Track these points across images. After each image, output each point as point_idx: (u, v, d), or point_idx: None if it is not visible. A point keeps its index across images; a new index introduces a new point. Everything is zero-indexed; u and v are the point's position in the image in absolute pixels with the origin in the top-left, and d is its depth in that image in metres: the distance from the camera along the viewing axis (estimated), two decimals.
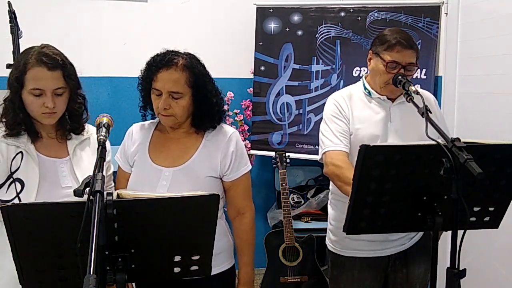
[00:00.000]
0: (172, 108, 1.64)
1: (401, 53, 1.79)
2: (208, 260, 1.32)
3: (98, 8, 3.42)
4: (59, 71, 1.55)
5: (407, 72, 1.80)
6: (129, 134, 1.82)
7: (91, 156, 1.68)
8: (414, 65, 1.82)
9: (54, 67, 1.54)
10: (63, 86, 1.57)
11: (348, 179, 1.74)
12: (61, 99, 1.58)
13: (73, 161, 1.64)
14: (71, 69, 1.61)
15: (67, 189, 1.59)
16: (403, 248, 1.92)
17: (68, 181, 1.61)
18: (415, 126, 1.71)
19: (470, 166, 1.19)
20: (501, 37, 2.57)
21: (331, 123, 1.90)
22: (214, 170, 1.70)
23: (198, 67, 1.68)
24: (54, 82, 1.55)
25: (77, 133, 1.69)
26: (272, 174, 3.62)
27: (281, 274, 2.98)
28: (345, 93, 1.97)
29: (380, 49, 1.83)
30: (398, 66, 1.79)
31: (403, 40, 1.79)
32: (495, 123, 2.62)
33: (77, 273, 1.18)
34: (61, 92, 1.57)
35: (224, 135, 1.75)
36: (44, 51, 1.56)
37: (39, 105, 1.54)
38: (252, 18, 3.36)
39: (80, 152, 1.68)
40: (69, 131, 1.67)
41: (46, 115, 1.57)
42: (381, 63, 1.82)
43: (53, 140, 1.66)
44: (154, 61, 1.67)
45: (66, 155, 1.65)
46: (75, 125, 1.68)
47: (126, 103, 3.43)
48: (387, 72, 1.80)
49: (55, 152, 1.64)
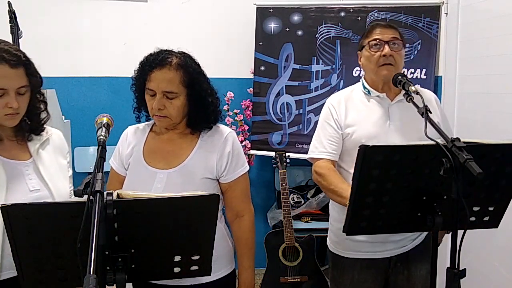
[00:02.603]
0: (166, 108, 1.60)
1: (380, 31, 1.84)
2: (208, 260, 1.32)
3: (98, 8, 3.43)
4: (22, 68, 1.44)
5: (393, 48, 1.82)
6: (123, 136, 1.78)
7: (53, 157, 1.61)
8: (399, 39, 1.85)
9: (16, 64, 1.42)
10: (26, 85, 1.46)
11: (330, 185, 1.83)
12: (23, 99, 1.47)
13: (37, 163, 1.54)
14: (33, 66, 1.49)
15: (35, 192, 1.50)
16: (404, 250, 1.91)
17: (35, 183, 1.51)
18: (415, 124, 1.71)
19: (470, 166, 1.19)
20: (501, 37, 2.57)
21: (321, 128, 1.95)
22: (210, 172, 1.67)
23: (192, 65, 1.64)
24: (17, 81, 1.43)
25: (37, 134, 1.59)
26: (272, 174, 3.62)
27: (281, 274, 2.98)
28: (344, 94, 1.98)
29: (362, 41, 1.91)
30: (381, 43, 1.82)
31: (380, 22, 1.89)
32: (495, 123, 2.62)
33: (77, 273, 1.18)
34: (23, 91, 1.46)
35: (220, 135, 1.71)
36: (3, 47, 1.42)
37: (1, 106, 1.42)
38: (252, 18, 3.36)
39: (43, 153, 1.58)
40: (29, 132, 1.56)
41: (9, 116, 1.45)
42: (366, 50, 1.86)
43: (13, 142, 1.54)
44: (147, 61, 1.63)
45: (28, 157, 1.55)
46: (35, 125, 1.57)
47: (126, 103, 3.38)
48: (372, 53, 1.83)
49: (17, 155, 1.53)
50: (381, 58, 1.81)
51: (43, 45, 3.26)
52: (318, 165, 1.92)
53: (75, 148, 3.40)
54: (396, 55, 1.82)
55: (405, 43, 1.89)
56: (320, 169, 1.90)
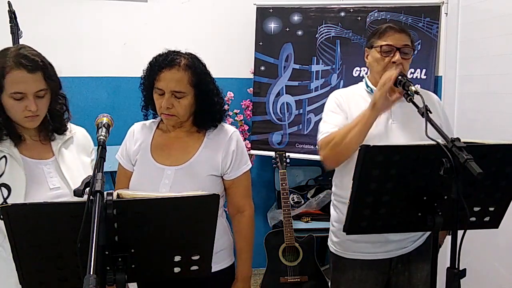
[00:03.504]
0: (174, 107, 1.66)
1: (394, 36, 1.82)
2: (208, 260, 1.32)
3: (98, 8, 3.42)
4: (40, 72, 1.50)
5: (404, 56, 1.81)
6: (130, 133, 1.83)
7: (76, 155, 1.67)
8: (410, 47, 1.84)
9: (34, 69, 1.48)
10: (45, 88, 1.52)
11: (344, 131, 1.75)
12: (43, 101, 1.54)
13: (59, 161, 1.60)
14: (51, 70, 1.56)
15: (55, 190, 1.56)
16: (405, 251, 1.91)
17: (56, 182, 1.57)
18: (417, 124, 1.70)
19: (470, 166, 1.19)
20: (501, 37, 2.57)
21: (330, 117, 1.90)
22: (215, 169, 1.73)
23: (200, 66, 1.71)
24: (36, 85, 1.49)
25: (60, 133, 1.65)
26: (272, 174, 3.62)
27: (281, 274, 2.97)
28: (346, 91, 1.97)
29: (373, 39, 1.87)
30: (392, 49, 1.81)
31: (394, 25, 1.84)
32: (495, 123, 2.62)
33: (77, 273, 1.18)
34: (42, 94, 1.52)
35: (225, 134, 1.77)
36: (22, 53, 1.50)
37: (21, 109, 1.50)
38: (252, 18, 3.37)
39: (65, 152, 1.64)
40: (52, 132, 1.63)
41: (29, 118, 1.52)
42: (376, 51, 1.84)
43: (37, 142, 1.61)
44: (156, 61, 1.68)
45: (51, 156, 1.61)
46: (57, 126, 1.64)
47: (126, 103, 3.43)
48: (383, 57, 1.82)
49: (39, 154, 1.60)
50: (390, 63, 1.81)
51: (43, 45, 3.21)
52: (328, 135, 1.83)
53: None
54: (405, 63, 1.83)
55: (414, 49, 1.88)
56: (329, 136, 1.81)
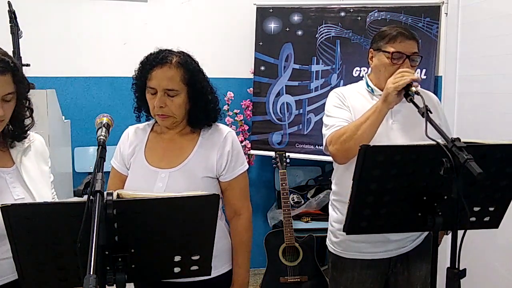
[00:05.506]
0: (168, 106, 1.62)
1: (404, 43, 1.80)
2: (209, 260, 1.32)
3: (98, 8, 3.43)
4: (9, 74, 1.37)
5: (412, 63, 1.80)
6: (124, 136, 1.80)
7: (36, 164, 1.57)
8: (418, 54, 1.83)
9: (4, 70, 1.35)
10: (13, 91, 1.40)
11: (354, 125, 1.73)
12: (9, 105, 1.41)
13: (20, 170, 1.49)
14: (21, 72, 1.44)
15: (20, 201, 1.44)
16: (404, 251, 1.91)
17: (19, 192, 1.47)
18: (417, 124, 1.70)
19: (470, 166, 1.19)
20: (501, 37, 2.57)
21: (336, 112, 1.87)
22: (210, 171, 1.69)
23: (192, 64, 1.67)
24: (4, 88, 1.36)
25: (19, 140, 1.53)
26: (272, 174, 3.62)
27: (281, 274, 2.97)
28: (347, 89, 1.96)
29: (381, 43, 1.83)
30: (402, 56, 1.80)
31: (404, 31, 1.81)
32: (495, 123, 2.61)
33: (77, 273, 1.18)
34: (9, 98, 1.39)
35: (220, 134, 1.74)
36: None
37: None
38: (252, 18, 3.37)
39: (25, 160, 1.53)
40: (12, 139, 1.51)
41: None
42: (385, 56, 1.81)
43: None
44: (148, 60, 1.65)
45: (11, 164, 1.50)
46: (18, 132, 1.51)
47: (126, 103, 3.40)
48: (392, 64, 1.80)
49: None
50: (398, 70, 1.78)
51: (43, 45, 3.26)
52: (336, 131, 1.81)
53: (75, 148, 3.40)
54: (412, 70, 1.81)
55: (421, 56, 1.86)
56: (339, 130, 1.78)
